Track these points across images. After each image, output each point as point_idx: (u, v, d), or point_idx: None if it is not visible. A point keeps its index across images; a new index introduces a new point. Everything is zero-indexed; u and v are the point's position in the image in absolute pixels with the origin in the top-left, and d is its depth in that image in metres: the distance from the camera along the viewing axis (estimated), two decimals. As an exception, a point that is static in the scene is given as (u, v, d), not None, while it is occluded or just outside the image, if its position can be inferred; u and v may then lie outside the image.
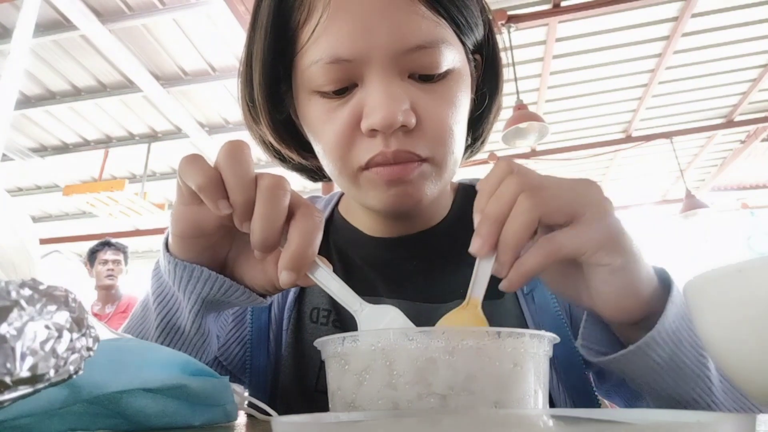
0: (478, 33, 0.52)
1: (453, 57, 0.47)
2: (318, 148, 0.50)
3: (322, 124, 0.47)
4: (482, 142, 0.61)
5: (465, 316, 0.37)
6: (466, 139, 0.55)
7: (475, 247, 0.36)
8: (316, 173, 0.60)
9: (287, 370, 0.55)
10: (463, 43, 0.49)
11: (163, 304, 0.45)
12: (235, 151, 0.37)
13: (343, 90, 0.46)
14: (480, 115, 0.56)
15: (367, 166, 0.46)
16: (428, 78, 0.46)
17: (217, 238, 0.42)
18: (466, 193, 0.62)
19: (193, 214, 0.40)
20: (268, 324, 0.57)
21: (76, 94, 3.75)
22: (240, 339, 0.58)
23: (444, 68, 0.46)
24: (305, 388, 0.53)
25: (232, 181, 0.37)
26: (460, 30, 0.48)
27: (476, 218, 0.37)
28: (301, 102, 0.50)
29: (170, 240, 0.43)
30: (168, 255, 0.43)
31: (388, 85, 0.44)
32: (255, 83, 0.50)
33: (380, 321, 0.39)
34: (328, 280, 0.40)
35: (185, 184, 0.38)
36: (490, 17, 0.54)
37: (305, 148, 0.56)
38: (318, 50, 0.45)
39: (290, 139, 0.55)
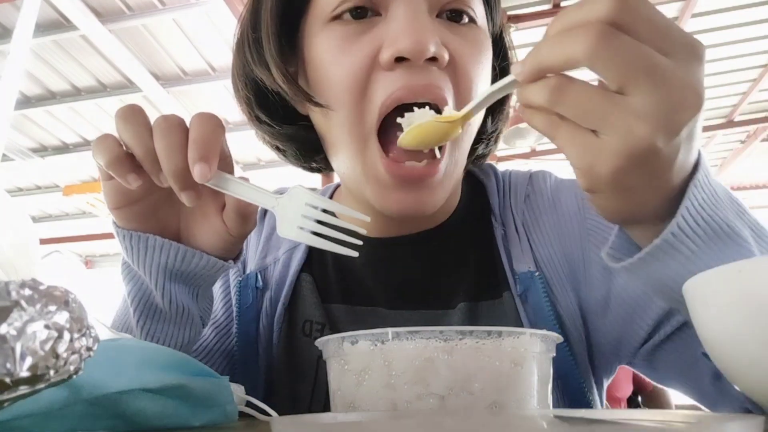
0: (496, 19, 0.50)
1: (480, 12, 0.45)
2: (327, 93, 0.44)
3: (336, 57, 0.42)
4: (496, 141, 0.57)
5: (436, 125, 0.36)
6: (482, 130, 0.52)
7: (516, 71, 0.31)
8: (309, 147, 0.53)
9: (280, 388, 0.52)
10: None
11: (135, 291, 0.45)
12: (128, 113, 0.39)
13: (362, 13, 0.42)
14: (494, 109, 0.54)
15: (384, 108, 0.41)
16: (457, 21, 0.44)
17: (152, 203, 0.43)
18: (469, 182, 0.58)
19: (116, 186, 0.41)
20: (257, 337, 0.53)
21: (76, 94, 3.74)
22: (224, 352, 0.55)
23: (472, 16, 0.44)
24: (299, 408, 0.50)
25: (129, 140, 0.38)
26: (488, 4, 0.48)
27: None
28: (312, 40, 0.45)
29: (113, 217, 0.44)
30: (120, 230, 0.43)
31: (417, 13, 0.40)
32: (265, 10, 0.46)
33: (292, 204, 0.40)
34: (237, 185, 0.40)
35: (98, 163, 0.40)
36: (503, 24, 0.53)
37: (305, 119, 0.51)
38: None
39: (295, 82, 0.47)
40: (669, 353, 0.46)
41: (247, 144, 4.08)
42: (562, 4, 3.09)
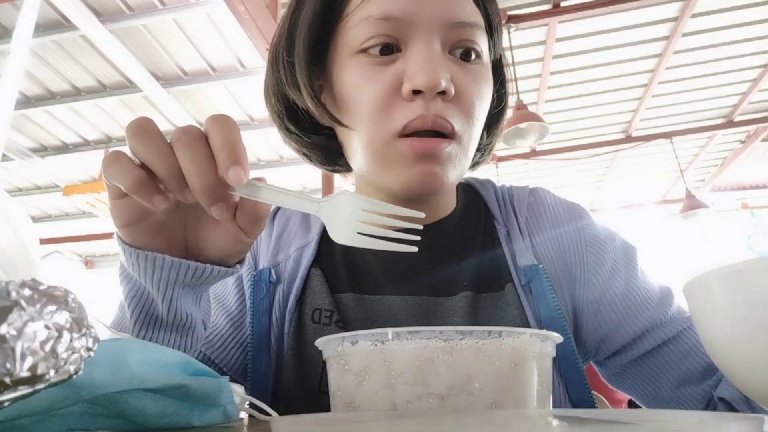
0: (498, 48, 0.56)
1: (485, 47, 0.51)
2: (352, 113, 0.50)
3: (363, 85, 0.49)
4: (489, 152, 0.63)
5: None
6: (479, 142, 0.56)
7: None
8: (332, 153, 0.59)
9: (289, 371, 0.54)
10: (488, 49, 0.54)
11: (136, 300, 0.44)
12: (140, 129, 0.36)
13: (388, 50, 0.48)
14: (490, 125, 0.59)
15: (403, 133, 0.47)
16: (464, 58, 0.50)
17: (163, 215, 0.42)
18: (467, 191, 0.64)
19: (129, 204, 0.40)
20: (269, 327, 0.56)
21: (76, 94, 3.74)
22: (239, 342, 0.58)
23: (479, 52, 0.50)
24: (308, 389, 0.53)
25: (150, 159, 0.36)
26: (489, 31, 0.53)
27: None
28: (341, 68, 0.51)
29: (120, 234, 0.42)
30: (127, 247, 0.42)
31: (432, 51, 0.47)
32: (299, 39, 0.52)
33: (340, 210, 0.39)
34: (275, 193, 0.39)
35: (113, 184, 0.38)
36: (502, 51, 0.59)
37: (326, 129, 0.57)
38: (369, 8, 0.48)
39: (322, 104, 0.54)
40: (641, 367, 0.54)
41: (247, 144, 4.08)
42: (562, 4, 3.09)
